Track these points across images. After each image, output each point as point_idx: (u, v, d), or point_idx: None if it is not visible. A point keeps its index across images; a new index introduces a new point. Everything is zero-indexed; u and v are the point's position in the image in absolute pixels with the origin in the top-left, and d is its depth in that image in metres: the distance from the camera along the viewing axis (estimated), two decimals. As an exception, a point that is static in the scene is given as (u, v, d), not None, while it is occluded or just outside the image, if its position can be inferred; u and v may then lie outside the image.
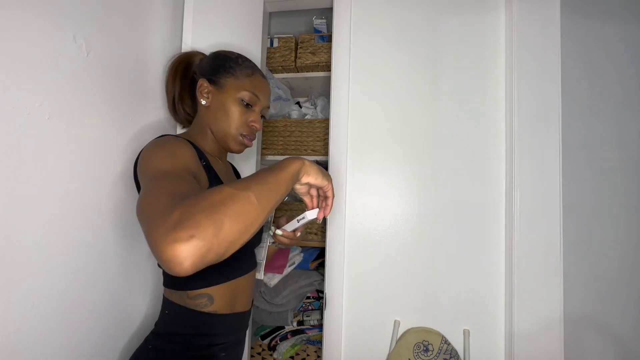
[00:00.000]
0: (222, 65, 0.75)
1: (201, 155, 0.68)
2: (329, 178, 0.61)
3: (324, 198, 0.64)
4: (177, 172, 0.52)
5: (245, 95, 0.73)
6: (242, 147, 0.76)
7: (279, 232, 0.70)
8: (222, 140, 0.74)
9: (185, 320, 0.66)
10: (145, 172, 0.55)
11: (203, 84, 0.74)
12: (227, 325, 0.70)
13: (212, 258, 0.39)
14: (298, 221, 0.68)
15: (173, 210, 0.40)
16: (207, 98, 0.74)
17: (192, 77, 0.82)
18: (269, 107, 0.79)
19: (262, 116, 0.78)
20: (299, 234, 0.72)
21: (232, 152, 0.77)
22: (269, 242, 0.83)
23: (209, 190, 0.43)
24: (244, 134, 0.74)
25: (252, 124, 0.74)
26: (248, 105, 0.74)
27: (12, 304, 0.54)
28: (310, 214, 0.65)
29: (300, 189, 0.61)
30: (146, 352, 0.65)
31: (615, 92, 0.98)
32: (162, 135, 0.69)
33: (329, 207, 0.63)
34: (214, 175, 0.68)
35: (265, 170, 0.50)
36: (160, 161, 0.55)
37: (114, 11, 0.74)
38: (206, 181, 0.65)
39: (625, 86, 0.98)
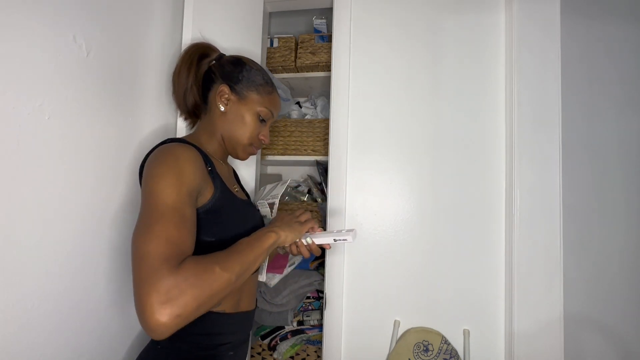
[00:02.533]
0: (247, 77, 0.76)
1: (207, 159, 0.69)
2: (298, 228, 0.68)
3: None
4: (179, 208, 0.55)
5: (263, 111, 0.77)
6: (249, 155, 0.81)
7: (308, 239, 0.70)
8: (232, 148, 0.78)
9: (194, 320, 0.66)
10: (148, 195, 0.56)
11: (224, 90, 0.75)
12: (234, 324, 0.70)
13: (183, 325, 0.47)
14: (335, 240, 0.68)
15: (168, 277, 0.46)
16: (226, 105, 0.75)
17: (205, 71, 0.80)
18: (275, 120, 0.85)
19: None
20: (329, 247, 0.75)
21: (238, 159, 0.81)
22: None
23: (202, 265, 0.50)
24: (254, 145, 0.79)
25: (262, 137, 0.79)
26: (262, 120, 0.78)
27: (12, 305, 0.54)
28: (352, 237, 0.65)
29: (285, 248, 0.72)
30: (155, 352, 0.64)
31: (615, 92, 0.99)
32: (167, 140, 0.69)
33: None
34: (219, 181, 0.69)
35: (245, 246, 0.58)
36: (165, 189, 0.55)
37: (114, 11, 0.74)
38: (212, 188, 0.66)
39: (625, 86, 0.98)
